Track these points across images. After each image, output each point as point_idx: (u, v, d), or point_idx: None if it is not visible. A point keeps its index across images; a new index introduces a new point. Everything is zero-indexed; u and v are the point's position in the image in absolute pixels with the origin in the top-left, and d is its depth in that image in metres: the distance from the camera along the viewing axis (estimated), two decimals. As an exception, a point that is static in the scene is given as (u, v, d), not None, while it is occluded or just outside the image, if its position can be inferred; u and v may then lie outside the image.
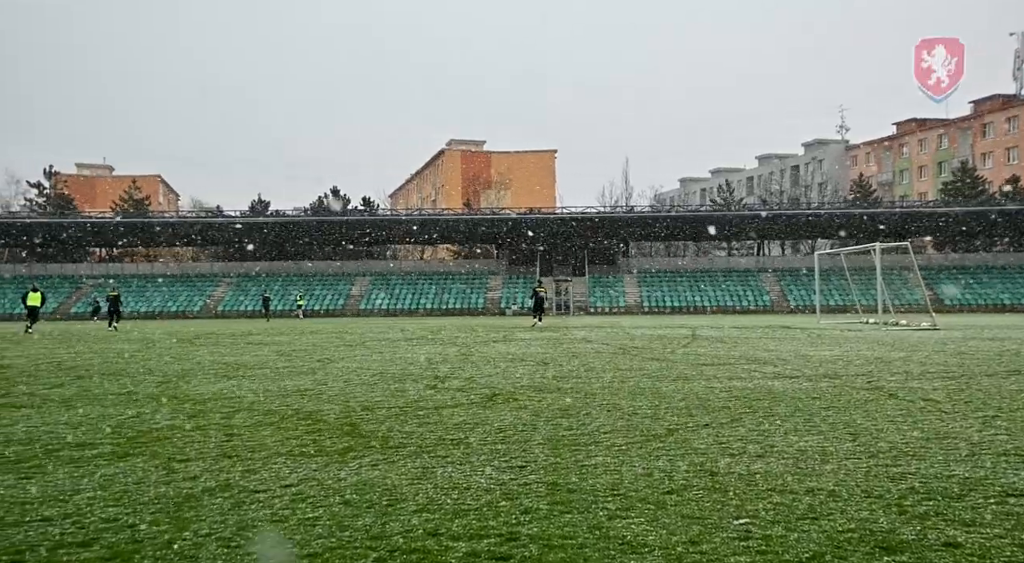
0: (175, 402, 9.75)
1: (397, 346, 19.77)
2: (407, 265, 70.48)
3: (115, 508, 4.97)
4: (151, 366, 14.60)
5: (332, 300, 61.78)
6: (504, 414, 8.56)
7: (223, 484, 5.57)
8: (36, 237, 66.45)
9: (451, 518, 4.73)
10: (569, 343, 20.57)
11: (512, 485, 5.48)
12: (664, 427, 7.64)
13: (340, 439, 7.21)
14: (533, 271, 64.62)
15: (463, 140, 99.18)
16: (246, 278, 65.72)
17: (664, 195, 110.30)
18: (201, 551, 4.18)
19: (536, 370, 13.30)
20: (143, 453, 6.64)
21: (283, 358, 16.23)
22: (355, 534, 4.46)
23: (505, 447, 6.77)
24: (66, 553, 4.16)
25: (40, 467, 6.15)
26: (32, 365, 15.00)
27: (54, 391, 10.93)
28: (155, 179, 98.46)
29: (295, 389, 10.91)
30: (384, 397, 10.03)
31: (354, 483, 5.56)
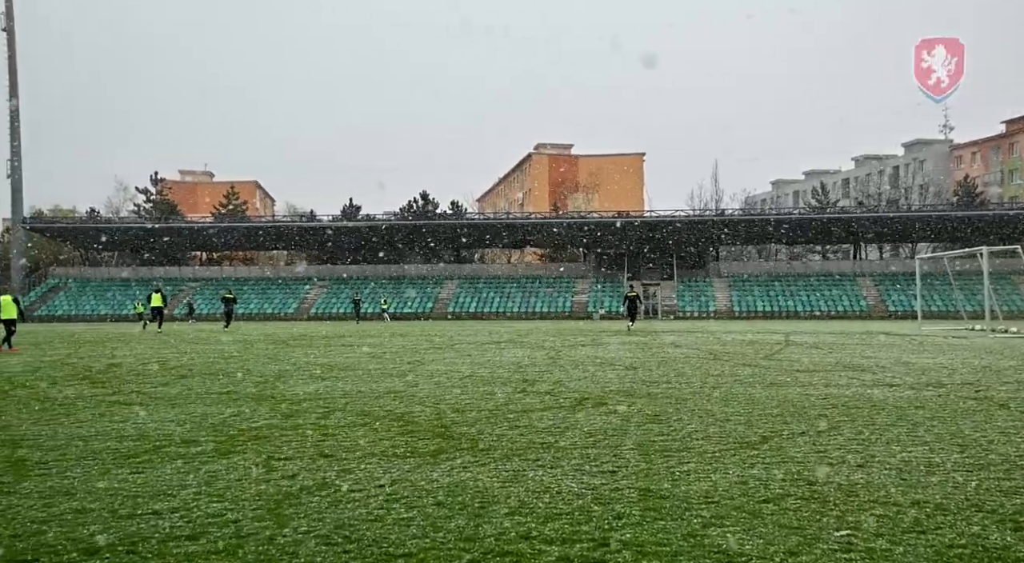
0: (272, 402, 10.04)
1: (485, 349, 19.91)
2: (494, 268, 70.96)
3: (219, 504, 5.15)
4: (249, 367, 15.07)
5: (421, 303, 62.67)
6: (593, 418, 8.52)
7: (320, 483, 5.70)
8: (143, 241, 69.51)
9: (543, 522, 4.72)
10: (658, 348, 20.34)
11: (603, 490, 5.44)
12: (758, 434, 7.47)
13: (431, 441, 7.29)
14: (620, 275, 64.20)
15: (551, 144, 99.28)
16: (338, 281, 67.26)
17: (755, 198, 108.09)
18: (301, 548, 4.29)
19: (625, 374, 13.19)
20: (244, 451, 6.86)
21: (374, 360, 16.53)
22: (448, 535, 4.50)
23: (595, 452, 6.73)
24: (175, 545, 4.33)
25: (149, 462, 6.42)
26: (140, 364, 15.68)
27: (160, 390, 11.40)
28: (252, 185, 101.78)
29: (387, 391, 11.10)
30: (474, 400, 10.11)
31: (446, 485, 5.62)
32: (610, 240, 65.33)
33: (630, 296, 34.95)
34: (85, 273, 70.38)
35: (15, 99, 63.39)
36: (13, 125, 63.46)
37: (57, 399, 10.40)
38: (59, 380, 12.79)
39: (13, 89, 63.23)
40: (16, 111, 63.46)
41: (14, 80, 63.15)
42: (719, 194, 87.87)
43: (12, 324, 20.95)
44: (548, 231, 66.08)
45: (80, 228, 69.18)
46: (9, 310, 20.91)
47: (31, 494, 5.40)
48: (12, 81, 63.12)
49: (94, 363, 16.13)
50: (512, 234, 67.24)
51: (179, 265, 73.63)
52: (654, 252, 65.95)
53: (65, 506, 5.09)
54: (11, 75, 63.10)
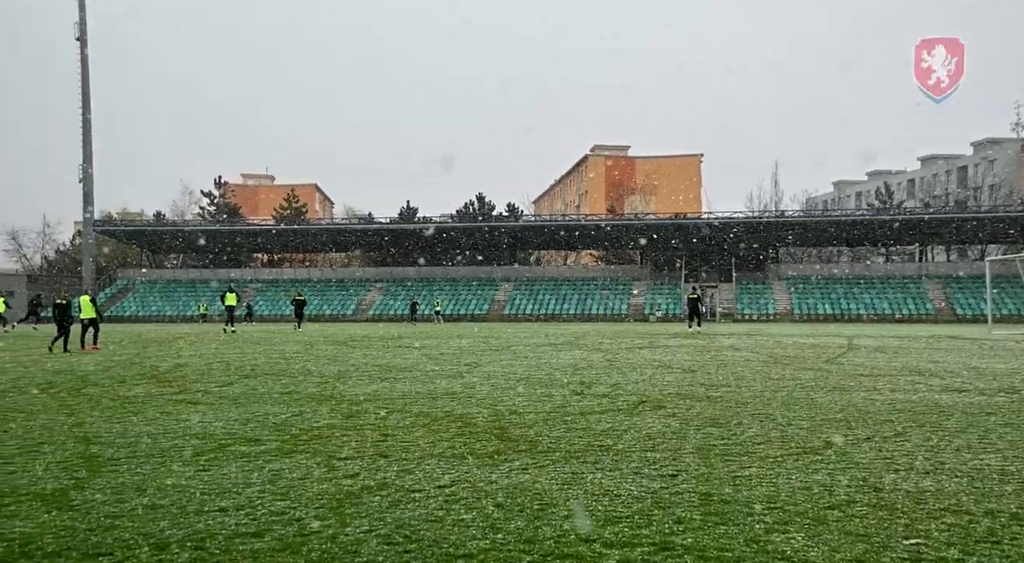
0: (333, 402, 10.18)
1: (542, 351, 19.90)
2: (550, 270, 70.92)
3: (283, 502, 5.24)
4: (309, 367, 15.31)
5: (477, 305, 62.93)
6: (652, 421, 8.45)
7: (380, 483, 5.76)
8: (206, 243, 71.12)
9: (603, 525, 4.70)
10: (716, 351, 20.09)
11: (664, 494, 5.40)
12: (821, 439, 7.33)
13: (489, 442, 7.31)
14: (677, 277, 63.61)
15: (607, 145, 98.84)
16: (395, 283, 67.93)
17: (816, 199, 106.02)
18: (363, 547, 4.34)
19: (683, 377, 13.07)
20: (305, 450, 6.96)
21: (432, 361, 16.64)
22: (508, 537, 4.51)
23: (655, 455, 6.68)
24: (241, 542, 4.42)
25: (215, 460, 6.56)
26: (205, 364, 16.05)
27: (225, 389, 11.65)
28: (311, 188, 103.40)
29: (445, 392, 11.17)
30: (531, 402, 10.12)
31: (505, 486, 5.63)
32: (667, 242, 64.76)
33: (692, 298, 34.63)
34: (151, 275, 72.29)
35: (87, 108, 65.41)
36: (85, 132, 65.52)
37: (127, 398, 10.70)
38: (128, 379, 13.15)
39: (85, 98, 65.28)
40: (88, 119, 65.50)
41: (86, 89, 65.20)
42: (779, 195, 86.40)
43: (92, 324, 21.71)
44: (604, 233, 65.80)
45: (147, 231, 71.12)
46: (88, 310, 21.70)
47: (104, 489, 5.57)
48: (84, 90, 65.16)
49: (161, 363, 16.55)
50: (568, 236, 67.10)
51: (241, 267, 75.16)
52: (712, 254, 65.19)
53: (136, 502, 5.23)
54: (83, 84, 65.16)
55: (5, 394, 11.16)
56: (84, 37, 65.08)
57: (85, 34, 65.14)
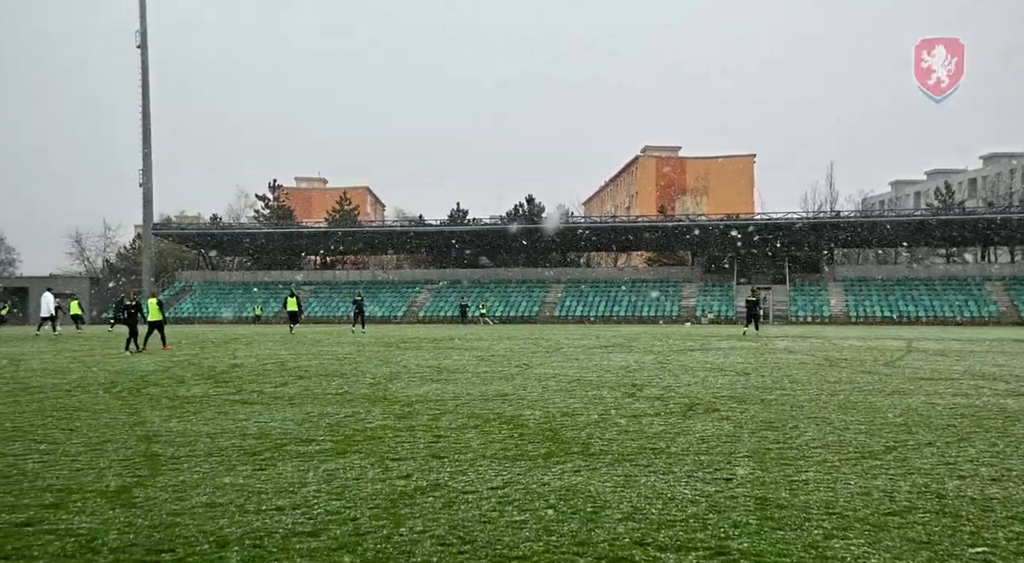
0: (385, 403, 10.27)
1: (592, 353, 19.83)
2: (601, 272, 70.61)
3: (338, 501, 5.30)
4: (362, 368, 15.46)
5: (527, 307, 62.92)
6: (705, 424, 8.36)
7: (434, 484, 5.80)
8: (261, 246, 72.33)
9: (657, 528, 4.67)
10: (770, 353, 19.81)
11: (718, 498, 5.34)
12: (881, 444, 7.17)
13: (542, 444, 7.31)
14: (730, 279, 62.86)
15: (658, 146, 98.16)
16: (446, 284, 68.27)
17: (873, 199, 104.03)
18: (417, 547, 4.37)
19: (736, 380, 12.91)
20: (359, 451, 7.04)
21: (483, 363, 16.69)
22: (561, 539, 4.50)
23: (708, 458, 6.61)
24: (298, 541, 4.48)
25: (271, 460, 6.67)
26: (260, 365, 16.31)
27: (279, 390, 11.83)
28: (363, 190, 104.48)
29: (496, 393, 11.19)
30: (582, 404, 10.09)
31: (558, 488, 5.62)
32: (719, 243, 64.02)
33: (749, 300, 34.21)
34: (208, 276, 73.72)
35: (147, 114, 67.05)
36: (145, 137, 67.14)
37: (185, 397, 10.93)
38: (187, 379, 13.44)
39: (145, 104, 66.89)
40: (147, 124, 67.12)
41: (146, 95, 66.82)
42: (834, 196, 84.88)
43: (158, 325, 22.25)
44: (655, 234, 65.31)
45: (204, 234, 72.56)
46: (155, 312, 22.25)
47: (165, 487, 5.69)
48: (144, 96, 66.79)
49: (218, 363, 16.87)
50: (618, 238, 66.74)
51: (294, 269, 76.26)
52: (765, 255, 64.26)
53: (196, 500, 5.34)
54: (144, 90, 66.79)
55: (71, 393, 11.48)
56: (145, 45, 66.72)
57: (146, 42, 66.78)
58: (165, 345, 22.17)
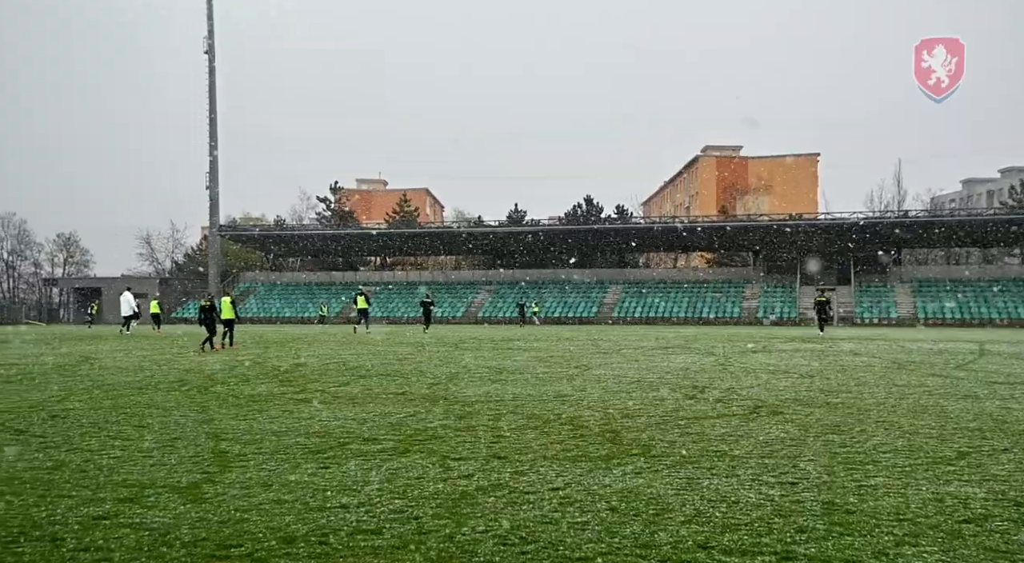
0: (446, 403, 10.34)
1: (652, 354, 19.67)
2: (660, 273, 70.03)
3: (400, 500, 5.36)
4: (422, 368, 15.59)
5: (586, 307, 62.72)
6: (769, 427, 8.24)
7: (495, 484, 5.82)
8: (322, 247, 73.49)
9: (721, 532, 4.61)
10: (835, 355, 19.39)
11: (784, 501, 5.25)
12: (953, 449, 6.97)
13: (602, 445, 7.28)
14: (792, 280, 61.77)
15: (718, 146, 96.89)
16: (504, 285, 68.46)
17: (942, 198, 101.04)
18: (479, 547, 4.39)
19: (800, 383, 12.68)
20: (421, 450, 7.10)
21: (542, 364, 16.69)
22: (624, 541, 4.48)
23: (773, 461, 6.51)
24: (363, 539, 4.54)
25: (334, 458, 6.77)
26: (322, 365, 16.57)
27: (342, 389, 12.00)
28: (423, 192, 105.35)
29: (556, 394, 11.18)
30: (643, 405, 10.02)
31: (619, 490, 5.60)
32: (781, 244, 62.94)
33: (820, 301, 33.61)
34: (271, 277, 75.18)
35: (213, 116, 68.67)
36: (211, 142, 68.76)
37: (251, 396, 11.16)
38: (252, 379, 13.72)
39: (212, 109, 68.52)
40: (214, 129, 68.73)
41: (213, 100, 68.44)
42: (902, 194, 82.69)
43: (228, 324, 22.80)
44: (715, 234, 64.50)
45: (267, 235, 73.99)
46: (228, 311, 22.79)
47: (233, 484, 5.82)
48: (211, 101, 68.41)
49: (282, 363, 17.18)
50: (678, 238, 66.08)
51: (355, 269, 77.29)
52: (829, 256, 62.96)
53: (263, 496, 5.45)
54: (211, 96, 68.43)
55: (143, 391, 11.82)
56: (212, 51, 68.34)
57: (213, 48, 68.38)
58: (232, 344, 22.69)
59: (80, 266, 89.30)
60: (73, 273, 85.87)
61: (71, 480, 5.98)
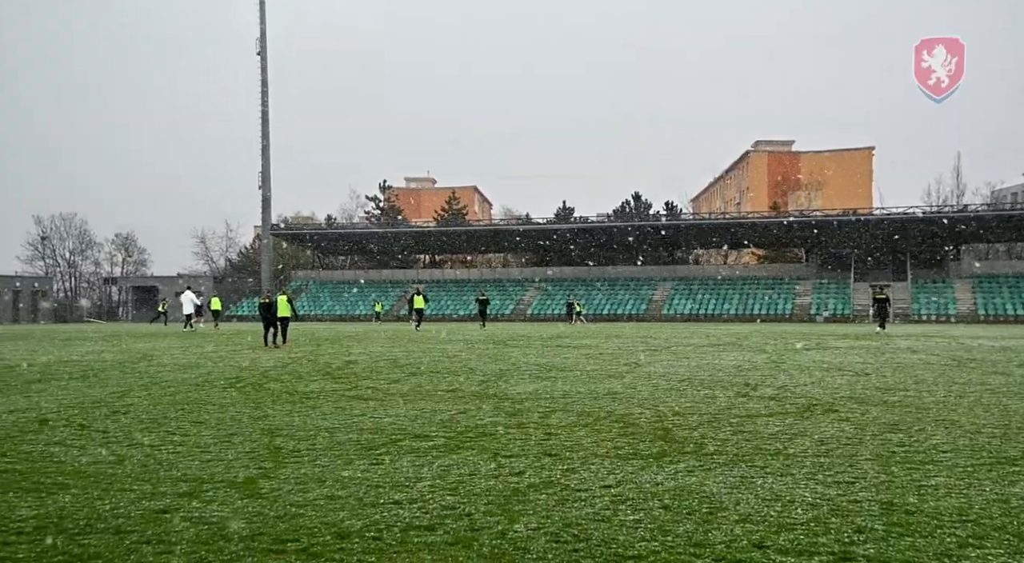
0: (496, 400, 10.36)
1: (703, 352, 19.48)
2: (710, 269, 69.35)
3: (452, 497, 5.38)
4: (472, 366, 15.65)
5: (634, 305, 62.37)
6: (824, 426, 8.10)
7: (546, 481, 5.82)
8: (372, 245, 74.20)
9: (776, 531, 4.55)
10: (891, 353, 19.00)
11: (841, 501, 5.16)
12: (1018, 449, 6.79)
13: (653, 443, 7.24)
14: (846, 276, 60.66)
15: (770, 141, 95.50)
16: (552, 282, 68.40)
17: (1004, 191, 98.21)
18: (532, 544, 4.40)
19: (856, 380, 12.45)
20: (472, 447, 7.13)
21: (591, 361, 16.64)
22: (677, 540, 4.44)
23: (829, 460, 6.40)
24: (416, 535, 4.58)
25: (387, 454, 6.83)
26: (373, 362, 16.73)
27: (392, 386, 12.10)
28: (471, 190, 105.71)
29: (606, 392, 11.14)
30: (694, 403, 9.93)
31: (672, 488, 5.56)
32: (835, 239, 61.85)
33: (879, 298, 32.96)
34: (322, 275, 76.15)
35: (266, 120, 69.77)
36: (264, 143, 69.89)
37: (304, 393, 11.32)
38: (304, 376, 13.91)
39: (264, 111, 69.62)
40: (266, 129, 69.84)
41: (265, 102, 69.53)
42: (961, 188, 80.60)
43: (286, 321, 23.19)
44: (767, 230, 63.63)
45: (318, 234, 74.96)
46: (284, 309, 23.19)
47: (288, 479, 5.91)
48: (264, 103, 69.51)
49: (333, 360, 17.39)
50: (728, 234, 65.34)
51: (404, 268, 77.90)
52: (884, 252, 61.70)
53: (317, 492, 5.53)
54: (263, 97, 69.54)
55: (200, 388, 12.06)
56: (264, 52, 69.45)
57: (265, 50, 69.50)
58: (285, 342, 23.05)
59: (138, 265, 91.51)
60: (131, 272, 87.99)
61: (132, 474, 6.13)
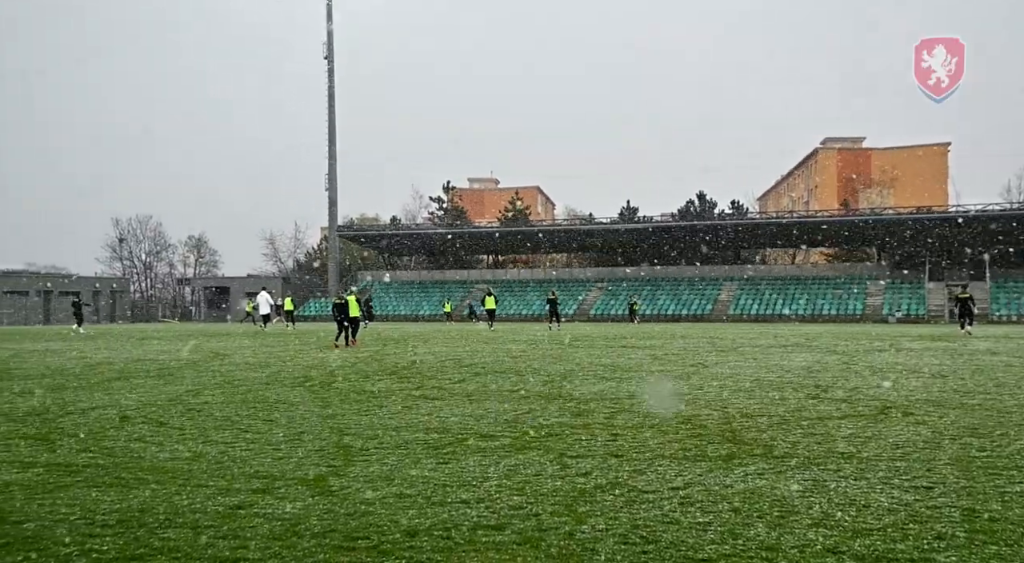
0: (561, 401, 10.34)
1: (771, 353, 19.14)
2: (777, 269, 68.10)
3: (519, 497, 5.39)
4: (535, 366, 15.65)
5: (700, 305, 61.60)
6: (899, 429, 7.88)
7: (613, 482, 5.78)
8: (435, 245, 74.80)
9: (851, 536, 4.44)
10: (970, 354, 18.39)
11: (918, 507, 5.01)
12: (1107, 456, 6.50)
13: (722, 445, 7.13)
14: (920, 276, 58.94)
15: (839, 137, 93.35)
16: (616, 283, 68.00)
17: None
18: (600, 545, 4.37)
19: (932, 383, 12.08)
20: (538, 447, 7.13)
21: (656, 362, 16.49)
22: (748, 543, 4.37)
23: (905, 465, 6.23)
24: (484, 534, 4.59)
25: (453, 454, 6.87)
26: (438, 362, 16.86)
27: (458, 386, 12.18)
28: (534, 190, 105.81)
29: (672, 393, 11.03)
30: (763, 405, 9.76)
31: (741, 491, 5.47)
32: (908, 238, 60.13)
33: (962, 297, 31.96)
34: (388, 276, 77.06)
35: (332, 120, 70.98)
36: (331, 145, 71.10)
37: (371, 392, 11.47)
38: (371, 375, 14.09)
39: (331, 114, 70.83)
40: (333, 133, 71.03)
41: (332, 105, 70.74)
42: (1044, 183, 77.57)
43: (356, 321, 23.65)
44: (836, 229, 62.19)
45: (383, 235, 75.88)
46: (354, 309, 23.64)
47: (357, 477, 5.99)
48: (330, 106, 70.73)
49: (399, 360, 17.58)
50: (796, 233, 64.07)
51: (468, 268, 78.33)
52: (961, 250, 59.73)
53: (386, 491, 5.59)
54: (330, 100, 70.76)
55: (269, 386, 12.32)
56: (332, 56, 70.66)
57: (332, 54, 70.70)
58: (355, 341, 23.44)
59: (209, 266, 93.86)
60: (203, 273, 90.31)
61: (208, 470, 6.29)
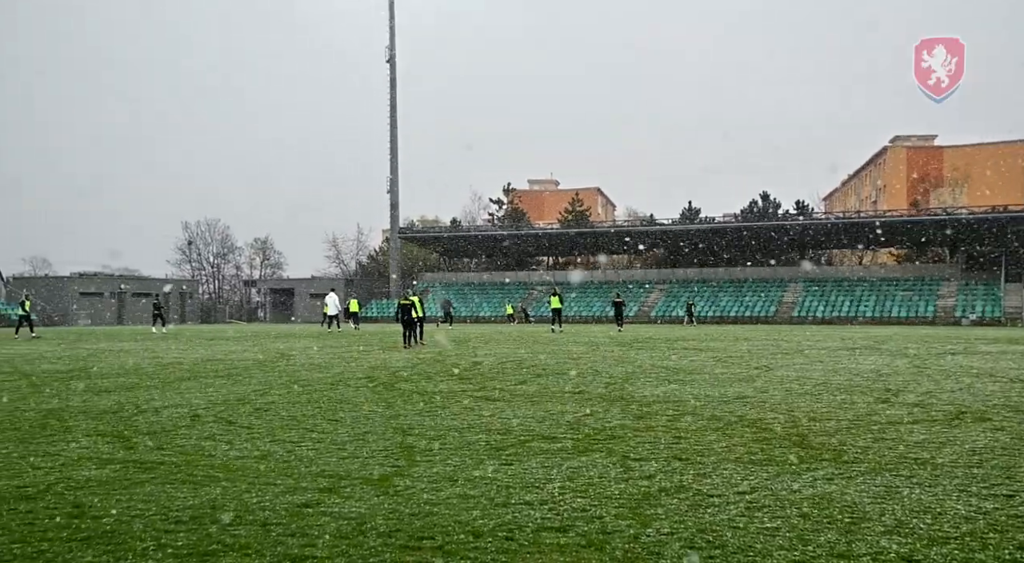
0: (623, 403, 10.28)
1: (838, 355, 18.72)
2: (843, 270, 66.61)
3: (583, 499, 5.37)
4: (597, 368, 15.58)
5: (763, 307, 60.61)
6: (975, 435, 7.64)
7: (677, 485, 5.72)
8: (495, 247, 75.05)
9: (927, 544, 4.32)
10: (1049, 358, 17.74)
11: (998, 515, 4.85)
12: None
13: (789, 449, 7.00)
14: (995, 277, 57.04)
15: (909, 135, 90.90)
16: (677, 284, 67.32)
17: None
18: (665, 549, 4.33)
19: (1010, 387, 11.68)
20: (600, 450, 7.09)
21: (720, 364, 16.27)
22: (818, 550, 4.28)
23: (982, 471, 6.03)
24: (547, 536, 4.58)
25: (516, 455, 6.88)
26: (499, 364, 16.91)
27: (519, 387, 12.19)
28: (594, 191, 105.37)
29: (736, 395, 10.87)
30: (831, 408, 9.56)
31: (810, 496, 5.36)
32: (983, 238, 58.25)
33: None
34: (448, 277, 77.62)
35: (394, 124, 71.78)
36: (392, 147, 71.91)
37: (434, 393, 11.55)
38: (433, 376, 14.19)
39: (393, 118, 71.64)
40: (394, 135, 71.83)
41: (394, 109, 71.56)
42: None
43: (420, 322, 24.22)
44: (906, 229, 60.57)
45: (443, 237, 76.44)
46: (417, 309, 24.06)
47: (421, 478, 6.04)
48: (392, 109, 71.55)
49: (461, 361, 17.68)
50: (864, 233, 62.58)
51: (527, 269, 78.40)
52: (1040, 250, 57.68)
53: (449, 491, 5.62)
54: (392, 104, 71.60)
55: (335, 387, 12.51)
56: (394, 61, 71.49)
57: (394, 59, 71.53)
58: (421, 340, 23.82)
59: (274, 268, 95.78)
60: (268, 275, 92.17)
61: (276, 469, 6.41)
